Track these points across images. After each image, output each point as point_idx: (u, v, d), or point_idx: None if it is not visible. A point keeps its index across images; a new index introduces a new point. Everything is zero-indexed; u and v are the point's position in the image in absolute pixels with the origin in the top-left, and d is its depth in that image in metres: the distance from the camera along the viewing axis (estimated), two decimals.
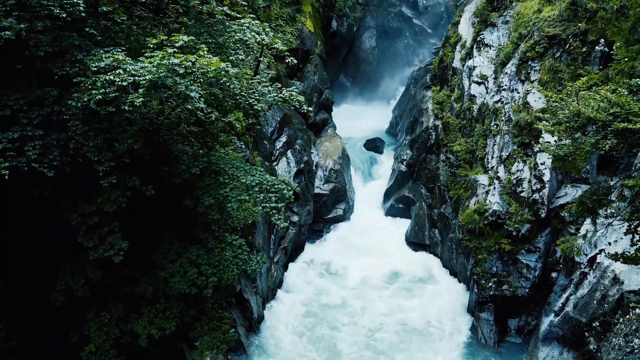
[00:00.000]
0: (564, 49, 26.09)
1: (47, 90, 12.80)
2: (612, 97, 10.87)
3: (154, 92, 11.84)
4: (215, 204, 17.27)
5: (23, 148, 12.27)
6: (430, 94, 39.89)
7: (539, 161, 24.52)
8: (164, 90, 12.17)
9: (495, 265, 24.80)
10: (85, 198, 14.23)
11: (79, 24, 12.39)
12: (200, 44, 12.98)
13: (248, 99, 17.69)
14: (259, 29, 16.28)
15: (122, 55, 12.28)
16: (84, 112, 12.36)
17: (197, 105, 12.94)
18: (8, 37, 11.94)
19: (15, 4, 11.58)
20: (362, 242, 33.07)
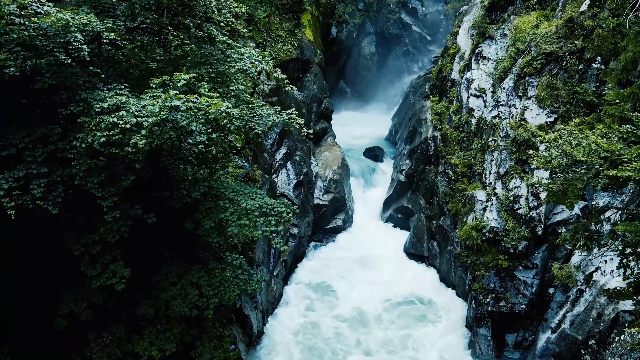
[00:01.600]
0: (561, 65, 26.31)
1: (51, 128, 13.06)
2: (602, 142, 11.13)
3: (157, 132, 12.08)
4: (216, 227, 17.53)
5: (28, 186, 12.55)
6: (429, 104, 40.16)
7: (536, 179, 24.73)
8: (167, 131, 12.42)
9: (493, 282, 25.06)
10: (88, 228, 14.48)
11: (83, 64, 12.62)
12: (202, 82, 13.22)
13: (248, 123, 17.98)
14: (258, 58, 16.49)
15: (125, 95, 12.54)
16: (88, 152, 12.61)
17: (198, 139, 13.20)
18: (12, 73, 12.21)
19: (21, 45, 11.82)
20: (361, 255, 33.22)
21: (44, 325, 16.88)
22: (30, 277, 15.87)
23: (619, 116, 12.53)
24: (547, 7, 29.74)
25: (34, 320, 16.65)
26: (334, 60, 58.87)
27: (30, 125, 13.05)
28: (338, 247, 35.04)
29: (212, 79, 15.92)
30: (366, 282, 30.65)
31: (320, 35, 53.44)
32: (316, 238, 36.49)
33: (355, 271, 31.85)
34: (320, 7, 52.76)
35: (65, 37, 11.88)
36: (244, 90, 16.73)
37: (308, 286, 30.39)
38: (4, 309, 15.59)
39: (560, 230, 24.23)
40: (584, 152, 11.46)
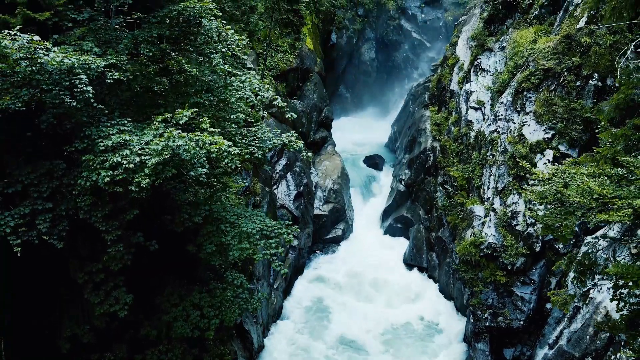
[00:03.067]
0: (559, 82, 26.52)
1: (56, 163, 13.30)
2: (594, 185, 11.36)
3: (159, 170, 12.31)
4: (217, 251, 17.77)
5: (34, 221, 12.80)
6: (428, 113, 40.39)
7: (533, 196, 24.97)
8: (169, 169, 12.65)
9: (491, 297, 25.30)
10: (92, 257, 14.72)
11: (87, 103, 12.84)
12: (203, 117, 13.45)
13: (249, 147, 18.22)
14: (259, 86, 16.72)
15: (128, 132, 12.78)
16: (92, 189, 12.84)
17: (200, 171, 13.44)
18: (18, 108, 12.44)
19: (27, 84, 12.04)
20: (360, 268, 33.34)
21: (46, 348, 17.12)
22: (33, 302, 16.10)
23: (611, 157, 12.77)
24: (545, 22, 29.98)
25: (37, 342, 16.87)
26: (334, 66, 59.10)
27: (35, 160, 13.29)
28: (338, 258, 35.25)
29: (213, 106, 16.14)
30: (365, 300, 30.72)
31: (320, 42, 53.68)
32: (316, 248, 36.71)
33: (354, 287, 31.91)
34: (320, 15, 53.03)
35: (70, 80, 12.12)
36: (244, 118, 16.93)
37: (306, 308, 30.17)
38: (5, 332, 15.81)
39: (558, 246, 24.46)
40: (576, 192, 11.70)
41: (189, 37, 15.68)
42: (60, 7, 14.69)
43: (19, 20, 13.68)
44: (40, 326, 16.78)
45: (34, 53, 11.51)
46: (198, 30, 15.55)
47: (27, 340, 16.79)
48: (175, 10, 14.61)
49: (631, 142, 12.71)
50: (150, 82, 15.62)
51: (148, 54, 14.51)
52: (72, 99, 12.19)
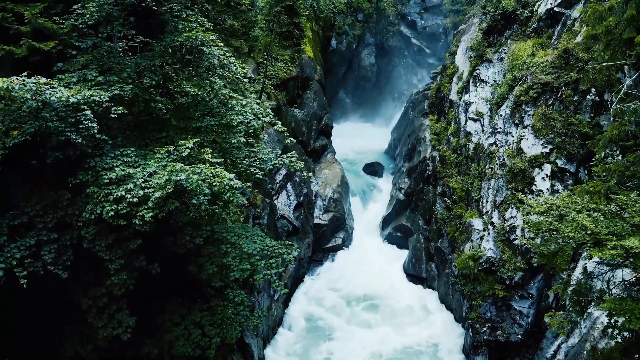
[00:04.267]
0: (557, 96, 26.75)
1: (61, 194, 13.53)
2: (588, 223, 11.59)
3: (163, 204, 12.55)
4: (218, 271, 17.97)
5: (39, 252, 13.03)
6: (427, 122, 40.62)
7: None
8: (172, 202, 12.88)
9: (490, 311, 25.54)
10: (95, 282, 14.95)
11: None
12: (205, 148, 13.67)
13: (249, 168, 18.46)
14: (259, 110, 16.95)
15: (131, 163, 13.01)
16: (96, 221, 13.07)
17: (202, 199, 13.66)
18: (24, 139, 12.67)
19: (33, 118, 12.25)
20: (359, 279, 33.44)
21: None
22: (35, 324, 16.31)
23: (604, 193, 12.99)
24: (543, 35, 30.19)
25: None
26: (333, 71, 59.37)
27: (40, 189, 13.52)
28: (337, 268, 35.37)
29: (214, 130, 16.37)
30: (363, 317, 30.45)
31: (320, 48, 53.95)
32: (316, 257, 36.88)
33: (353, 304, 31.73)
34: (320, 22, 53.32)
35: (76, 117, 12.35)
36: (244, 142, 17.16)
37: (306, 319, 30.25)
38: (7, 353, 16.03)
39: None
40: (571, 227, 11.93)
41: (191, 64, 15.89)
42: (65, 35, 14.92)
43: (24, 51, 13.92)
44: (41, 346, 16.98)
45: (41, 94, 11.71)
46: (200, 57, 15.75)
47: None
48: (178, 41, 14.84)
49: (624, 177, 12.95)
50: (153, 106, 15.83)
51: (151, 82, 14.71)
52: (77, 135, 12.42)
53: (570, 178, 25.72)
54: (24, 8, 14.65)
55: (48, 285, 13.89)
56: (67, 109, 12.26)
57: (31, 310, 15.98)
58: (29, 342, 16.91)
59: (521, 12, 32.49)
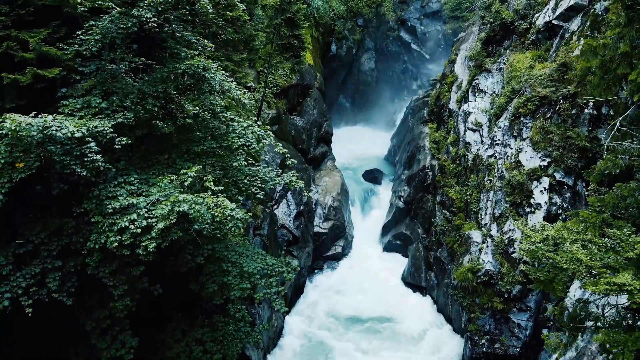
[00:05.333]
0: (555, 109, 26.95)
1: (66, 221, 13.75)
2: (583, 256, 11.81)
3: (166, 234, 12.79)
4: (219, 290, 18.21)
5: (44, 280, 13.26)
6: (427, 130, 40.84)
7: (530, 223, 25.42)
8: (175, 231, 13.12)
9: (488, 323, 25.77)
10: (98, 304, 15.18)
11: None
12: (208, 176, 13.89)
13: (250, 187, 18.68)
14: (260, 132, 17.17)
15: (135, 195, 13.24)
16: (100, 249, 13.31)
17: (204, 225, 13.89)
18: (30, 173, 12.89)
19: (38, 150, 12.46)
20: (360, 290, 33.63)
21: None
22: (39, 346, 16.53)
23: (599, 225, 13.22)
24: (542, 47, 30.38)
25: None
26: (333, 76, 59.57)
27: (45, 217, 13.74)
28: (337, 279, 35.55)
29: (216, 153, 16.60)
30: (362, 335, 30.32)
31: (320, 54, 54.15)
32: (316, 265, 37.13)
33: (352, 320, 31.62)
34: (320, 28, 53.50)
35: (81, 150, 12.58)
36: (247, 170, 17.40)
37: (303, 344, 29.90)
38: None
39: None
40: (566, 258, 12.15)
41: (192, 88, 16.11)
42: (69, 61, 15.13)
43: (29, 78, 14.14)
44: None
45: (47, 131, 11.93)
46: (202, 83, 15.98)
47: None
48: (180, 69, 15.05)
49: (618, 209, 13.19)
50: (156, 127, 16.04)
51: (153, 109, 14.93)
52: (82, 169, 12.65)
53: (568, 191, 25.93)
54: (28, 35, 14.85)
55: (52, 311, 14.10)
56: (72, 142, 12.47)
57: (35, 333, 16.21)
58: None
59: (520, 23, 32.68)
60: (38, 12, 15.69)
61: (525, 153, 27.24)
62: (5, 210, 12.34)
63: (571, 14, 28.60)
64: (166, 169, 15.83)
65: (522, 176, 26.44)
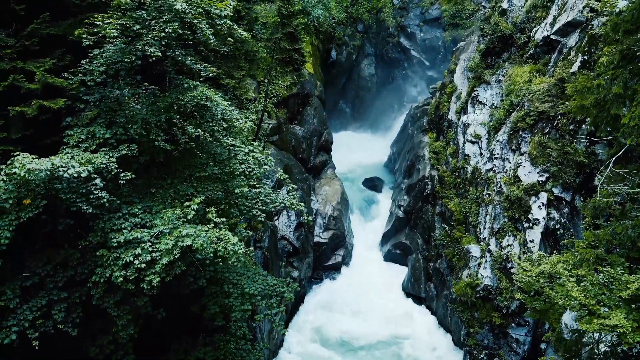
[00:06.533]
0: (552, 125, 27.20)
1: (71, 253, 14.02)
2: (577, 294, 12.07)
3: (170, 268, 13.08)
4: (221, 312, 18.48)
5: (50, 312, 13.53)
6: (427, 139, 41.12)
7: (528, 238, 25.72)
8: (179, 265, 13.40)
9: (487, 338, 26.04)
10: (102, 331, 15.45)
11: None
12: (210, 208, 14.16)
13: (252, 210, 18.96)
14: (261, 157, 17.44)
15: (139, 228, 13.51)
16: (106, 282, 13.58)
17: (206, 255, 14.15)
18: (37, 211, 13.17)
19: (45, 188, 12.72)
20: (360, 303, 33.70)
21: None
22: None
23: (593, 261, 13.48)
24: (540, 61, 30.61)
25: None
26: (334, 82, 59.78)
27: (50, 248, 14.01)
28: (337, 289, 35.74)
29: (218, 178, 16.87)
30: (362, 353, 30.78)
31: (320, 61, 54.39)
32: (316, 275, 37.37)
33: (352, 328, 31.94)
34: (320, 35, 53.73)
35: (86, 187, 12.84)
36: (247, 192, 17.66)
37: None
38: None
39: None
40: (561, 293, 12.42)
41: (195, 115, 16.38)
42: (73, 90, 15.38)
43: (35, 110, 14.39)
44: None
45: (54, 173, 12.20)
46: (205, 112, 16.26)
47: None
48: (183, 100, 15.31)
49: (612, 245, 13.45)
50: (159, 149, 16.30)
51: (157, 138, 15.19)
52: (88, 206, 12.92)
53: (566, 206, 26.19)
54: (34, 66, 15.10)
55: (57, 341, 14.36)
56: (78, 180, 12.74)
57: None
58: None
59: (519, 37, 32.91)
60: (43, 41, 15.94)
61: (524, 168, 27.48)
62: (11, 243, 12.58)
63: (569, 29, 28.82)
64: (169, 195, 16.07)
65: (520, 191, 26.68)
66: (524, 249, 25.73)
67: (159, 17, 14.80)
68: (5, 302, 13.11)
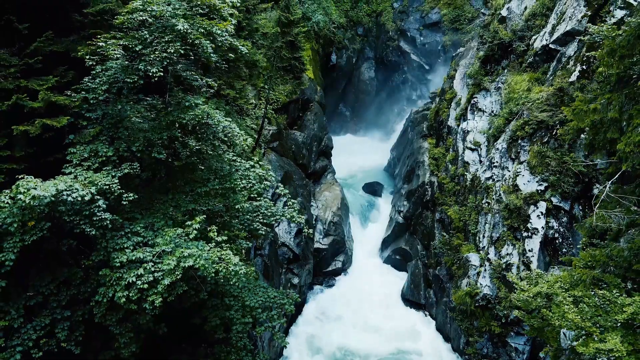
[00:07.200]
0: (551, 134, 27.35)
1: (74, 272, 14.18)
2: (574, 316, 12.23)
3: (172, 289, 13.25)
4: (221, 324, 18.64)
5: (53, 330, 13.69)
6: (426, 145, 41.27)
7: (527, 247, 25.87)
8: (181, 285, 13.57)
9: (486, 347, 26.21)
10: (104, 346, 15.61)
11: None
12: (212, 227, 14.32)
13: (252, 224, 19.14)
14: (262, 173, 17.61)
15: (141, 248, 13.67)
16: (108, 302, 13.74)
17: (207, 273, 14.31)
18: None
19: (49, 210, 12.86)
20: (359, 313, 33.72)
21: None
22: None
23: (590, 283, 13.63)
24: (539, 70, 30.75)
25: None
26: (334, 85, 59.96)
27: (54, 266, 14.16)
28: (337, 297, 35.82)
29: (219, 194, 17.04)
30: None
31: (320, 65, 54.58)
32: (316, 281, 37.51)
33: (351, 341, 31.82)
34: (320, 40, 53.89)
35: (90, 209, 13.00)
36: (248, 207, 17.83)
37: None
38: None
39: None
40: (558, 315, 12.58)
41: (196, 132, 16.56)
42: (76, 108, 15.54)
43: (38, 129, 14.54)
44: None
45: (59, 197, 12.36)
46: (206, 130, 16.43)
47: None
48: (185, 119, 15.47)
49: (608, 266, 13.61)
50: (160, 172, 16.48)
51: (159, 156, 15.36)
52: (91, 228, 13.08)
53: (565, 215, 26.33)
54: (37, 84, 15.25)
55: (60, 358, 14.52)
56: (82, 202, 12.89)
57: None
58: None
59: (518, 45, 33.04)
60: (46, 59, 16.08)
61: (523, 177, 27.63)
62: (15, 263, 12.73)
63: (567, 38, 28.96)
64: (170, 210, 16.22)
65: (519, 200, 26.83)
66: (523, 258, 25.89)
67: (161, 37, 14.94)
68: (9, 321, 13.27)
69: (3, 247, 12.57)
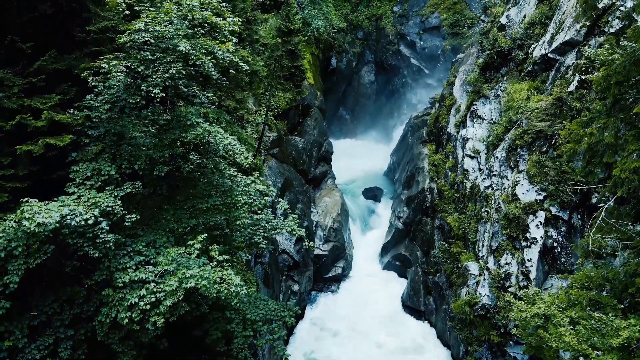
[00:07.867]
0: (550, 143, 27.48)
1: (77, 290, 14.34)
2: (570, 339, 12.40)
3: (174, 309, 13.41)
4: (222, 337, 18.81)
5: (56, 350, 13.85)
6: (426, 151, 41.43)
7: (526, 257, 26.02)
8: (183, 306, 13.74)
9: (485, 356, 26.38)
10: None
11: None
12: (213, 246, 14.48)
13: (253, 237, 19.30)
14: (263, 188, 17.77)
15: (143, 268, 13.84)
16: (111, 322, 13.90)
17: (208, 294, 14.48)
18: None
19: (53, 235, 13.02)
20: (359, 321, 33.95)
21: None
22: None
23: (586, 304, 13.79)
24: (538, 79, 30.88)
25: None
26: (334, 89, 60.18)
27: (57, 285, 14.32)
28: (337, 303, 36.09)
29: (220, 210, 17.20)
30: None
31: (320, 69, 54.74)
32: (316, 287, 37.72)
33: (350, 353, 32.10)
34: (320, 45, 54.03)
35: (93, 231, 13.16)
36: (250, 223, 17.99)
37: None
38: None
39: None
40: (555, 336, 12.76)
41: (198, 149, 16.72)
42: (78, 126, 15.70)
43: (41, 148, 14.68)
44: None
45: (63, 221, 12.52)
46: (207, 146, 16.59)
47: None
48: (187, 138, 15.62)
49: (604, 288, 13.76)
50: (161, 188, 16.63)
51: (161, 173, 15.51)
52: (94, 250, 13.25)
53: (563, 225, 26.46)
54: (40, 102, 15.39)
55: None
56: (86, 226, 13.05)
57: None
58: None
59: (517, 53, 33.18)
60: (49, 76, 16.22)
61: (522, 186, 27.77)
62: (19, 284, 12.89)
63: (566, 48, 29.09)
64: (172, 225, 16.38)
65: (518, 210, 26.98)
66: (522, 268, 26.03)
67: (162, 58, 15.09)
68: (14, 341, 13.42)
69: (8, 269, 12.72)
